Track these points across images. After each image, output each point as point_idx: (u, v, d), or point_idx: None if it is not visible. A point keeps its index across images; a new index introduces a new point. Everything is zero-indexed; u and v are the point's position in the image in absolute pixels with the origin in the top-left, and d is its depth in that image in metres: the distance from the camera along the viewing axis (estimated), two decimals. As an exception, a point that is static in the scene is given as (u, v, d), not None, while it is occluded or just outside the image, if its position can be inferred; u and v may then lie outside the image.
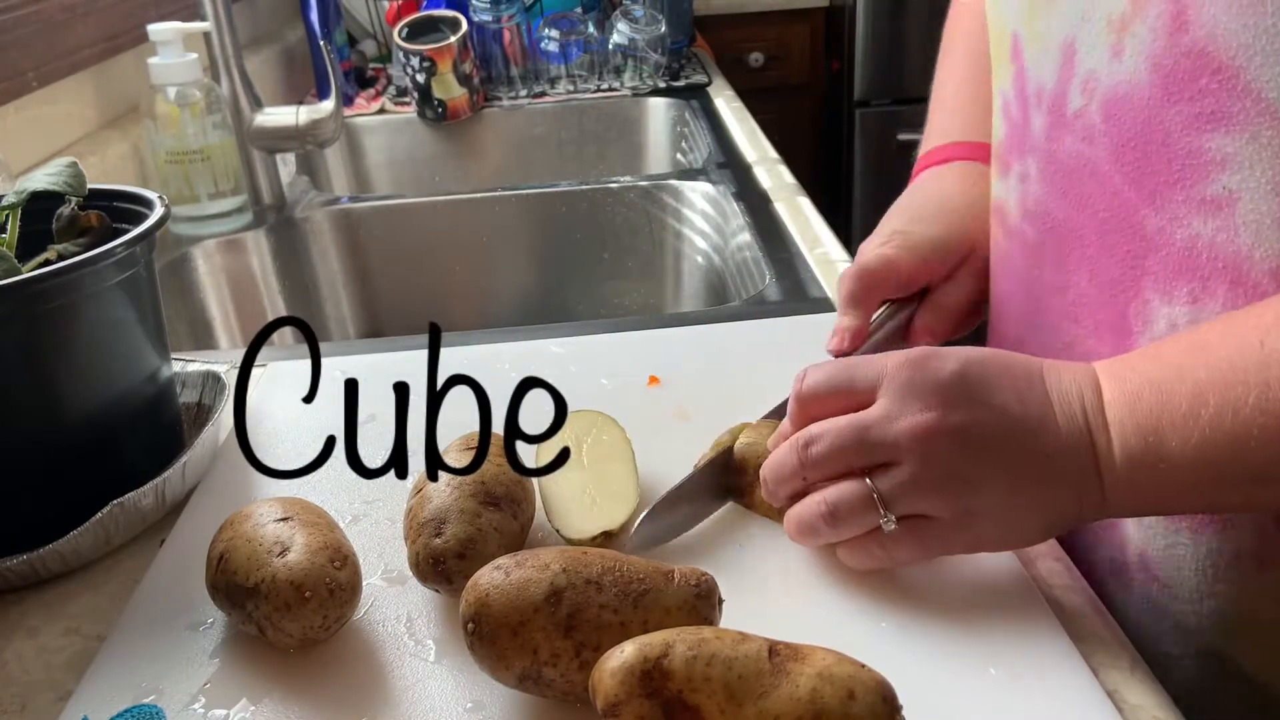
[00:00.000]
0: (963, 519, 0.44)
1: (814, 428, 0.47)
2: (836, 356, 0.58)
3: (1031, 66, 0.53)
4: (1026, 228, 0.56)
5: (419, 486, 0.51)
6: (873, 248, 0.61)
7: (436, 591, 0.48)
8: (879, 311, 0.62)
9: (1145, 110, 0.45)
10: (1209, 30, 0.42)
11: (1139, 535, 0.52)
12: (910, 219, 0.64)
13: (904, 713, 0.38)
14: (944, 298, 0.63)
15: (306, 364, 0.73)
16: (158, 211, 0.58)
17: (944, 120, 0.71)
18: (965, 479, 0.44)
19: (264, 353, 0.80)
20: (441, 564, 0.46)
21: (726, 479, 0.54)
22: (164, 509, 0.58)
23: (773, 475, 0.49)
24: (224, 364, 0.69)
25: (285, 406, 0.69)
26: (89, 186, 0.59)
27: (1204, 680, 0.51)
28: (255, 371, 0.73)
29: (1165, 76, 0.44)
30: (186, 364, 0.69)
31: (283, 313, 1.12)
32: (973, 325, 0.65)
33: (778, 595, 0.49)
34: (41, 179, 0.57)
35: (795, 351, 0.71)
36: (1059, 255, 0.54)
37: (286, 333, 1.12)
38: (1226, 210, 0.43)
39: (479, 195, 1.18)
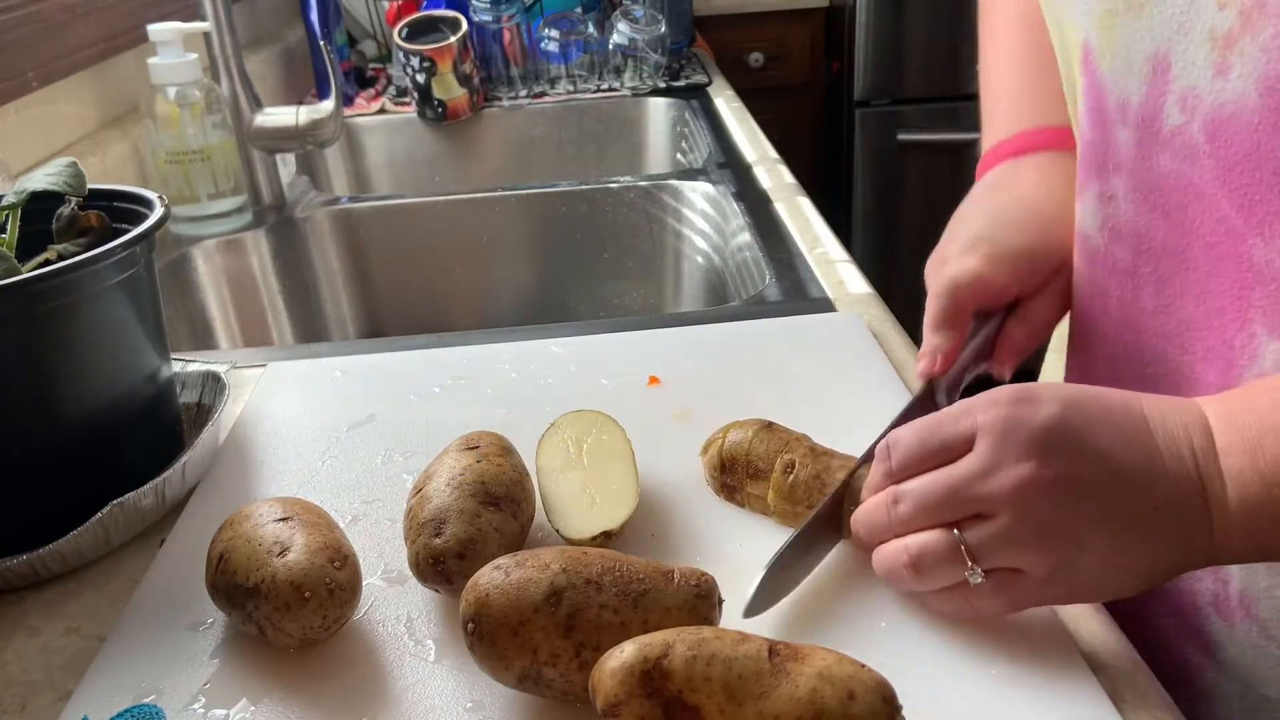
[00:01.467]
0: (1057, 574, 0.42)
1: (902, 486, 0.44)
2: (927, 379, 0.55)
3: (1110, 79, 0.50)
4: (1117, 250, 0.53)
5: (419, 486, 0.51)
6: (957, 257, 0.56)
7: (436, 591, 0.48)
8: None
9: (1254, 134, 0.43)
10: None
11: (1241, 573, 0.50)
12: (996, 225, 0.58)
13: (904, 713, 0.38)
14: (1034, 311, 0.58)
15: (305, 364, 0.74)
16: (157, 211, 0.58)
17: (1008, 107, 0.65)
18: (1064, 535, 0.41)
19: (263, 352, 0.80)
20: (441, 564, 0.46)
21: (833, 520, 0.51)
22: (164, 509, 0.58)
23: (865, 531, 0.46)
24: (223, 364, 0.69)
25: (284, 407, 0.69)
26: (89, 186, 0.59)
27: None
28: (254, 372, 0.73)
29: (1278, 99, 0.41)
30: (186, 364, 0.69)
31: (283, 312, 1.12)
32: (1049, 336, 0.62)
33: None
34: (41, 179, 0.57)
35: (795, 351, 0.72)
36: (1159, 279, 0.51)
37: (286, 333, 1.12)
38: None
39: (479, 195, 1.18)
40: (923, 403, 0.55)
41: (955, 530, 0.42)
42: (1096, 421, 0.41)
